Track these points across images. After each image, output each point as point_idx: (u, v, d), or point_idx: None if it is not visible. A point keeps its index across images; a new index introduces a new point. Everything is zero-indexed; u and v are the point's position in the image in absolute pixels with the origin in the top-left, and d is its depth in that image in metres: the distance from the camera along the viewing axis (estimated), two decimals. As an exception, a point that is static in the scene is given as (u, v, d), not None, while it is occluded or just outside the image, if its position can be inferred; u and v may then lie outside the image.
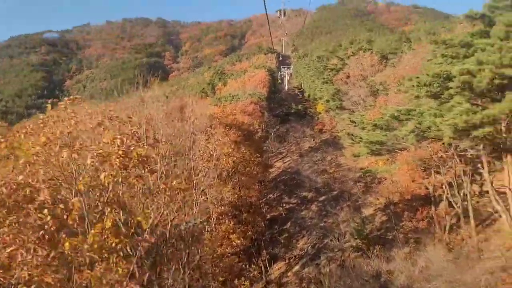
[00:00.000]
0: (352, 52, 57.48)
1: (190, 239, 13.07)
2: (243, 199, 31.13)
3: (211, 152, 21.28)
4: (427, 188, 28.82)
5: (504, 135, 16.20)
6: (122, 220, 7.04)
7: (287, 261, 35.67)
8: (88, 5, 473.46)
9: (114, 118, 8.23)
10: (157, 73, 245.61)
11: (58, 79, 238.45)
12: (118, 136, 7.11)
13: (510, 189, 17.03)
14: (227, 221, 22.95)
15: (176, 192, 10.19)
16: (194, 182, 16.17)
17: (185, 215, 14.05)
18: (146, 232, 7.44)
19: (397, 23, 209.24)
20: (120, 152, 6.84)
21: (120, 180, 7.20)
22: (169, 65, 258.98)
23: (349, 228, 36.30)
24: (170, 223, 11.55)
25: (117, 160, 6.83)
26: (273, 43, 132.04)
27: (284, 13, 68.00)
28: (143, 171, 7.49)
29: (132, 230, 7.06)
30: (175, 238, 12.19)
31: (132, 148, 7.03)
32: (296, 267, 36.05)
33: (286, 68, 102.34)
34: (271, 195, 49.97)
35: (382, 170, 30.68)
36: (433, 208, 28.20)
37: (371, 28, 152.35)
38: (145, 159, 7.29)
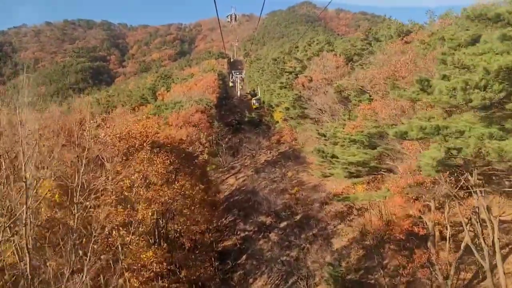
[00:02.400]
0: (313, 53, 51.23)
1: None
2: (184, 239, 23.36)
3: (125, 194, 13.32)
4: (423, 222, 22.43)
5: None
6: None
7: (243, 313, 28.41)
8: (25, 5, 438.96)
9: None
10: (101, 77, 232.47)
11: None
12: None
13: None
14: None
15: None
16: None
17: None
18: None
19: (347, 30, 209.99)
20: None
21: None
22: (114, 69, 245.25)
23: (319, 268, 29.51)
24: None
25: None
26: (225, 48, 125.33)
27: (235, 18, 61.17)
28: None
29: None
30: None
31: None
32: (256, 323, 28.85)
33: (238, 73, 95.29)
34: (223, 219, 42.34)
35: (363, 198, 23.95)
36: (432, 249, 21.72)
37: (323, 34, 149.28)
38: None
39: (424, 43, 25.60)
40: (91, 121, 12.78)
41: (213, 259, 32.46)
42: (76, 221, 12.17)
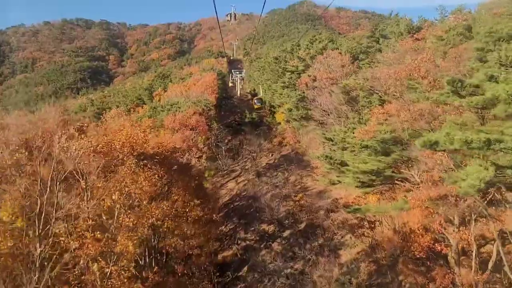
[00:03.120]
0: (316, 52, 48.88)
1: None
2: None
3: (104, 217, 11.07)
4: (444, 237, 20.22)
5: None
6: None
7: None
8: (23, 5, 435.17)
9: None
10: (100, 77, 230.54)
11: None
12: None
13: None
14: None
15: None
16: None
17: None
18: None
19: (347, 28, 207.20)
20: None
21: None
22: (113, 69, 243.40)
23: (326, 283, 27.25)
24: None
25: None
26: (224, 47, 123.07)
27: (235, 17, 59.05)
28: None
29: None
30: None
31: None
32: None
33: (238, 72, 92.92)
34: (222, 227, 39.98)
35: (377, 210, 21.70)
36: (456, 269, 19.50)
37: (324, 33, 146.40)
38: None
39: (441, 39, 23.40)
40: (63, 131, 10.62)
41: (211, 273, 30.25)
42: (40, 252, 9.91)
